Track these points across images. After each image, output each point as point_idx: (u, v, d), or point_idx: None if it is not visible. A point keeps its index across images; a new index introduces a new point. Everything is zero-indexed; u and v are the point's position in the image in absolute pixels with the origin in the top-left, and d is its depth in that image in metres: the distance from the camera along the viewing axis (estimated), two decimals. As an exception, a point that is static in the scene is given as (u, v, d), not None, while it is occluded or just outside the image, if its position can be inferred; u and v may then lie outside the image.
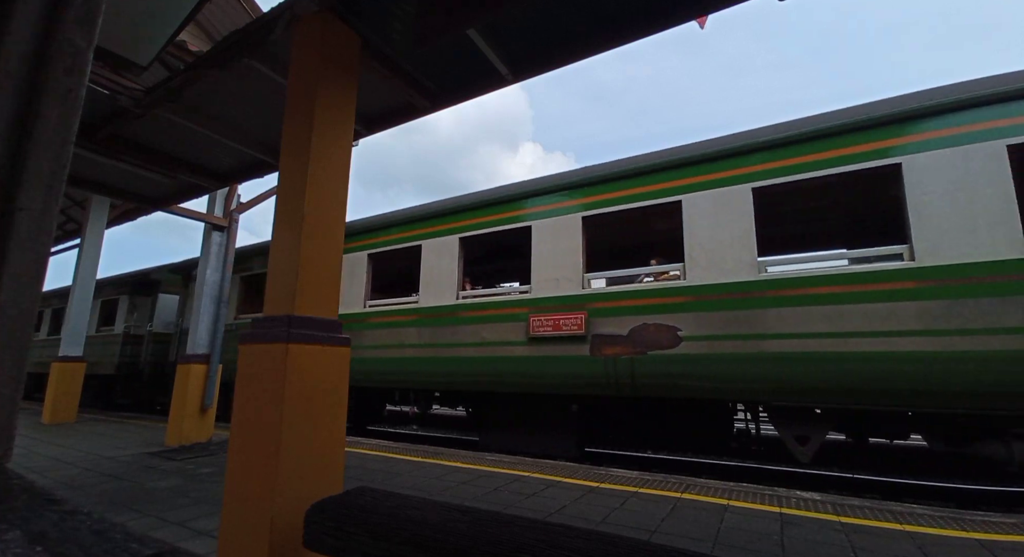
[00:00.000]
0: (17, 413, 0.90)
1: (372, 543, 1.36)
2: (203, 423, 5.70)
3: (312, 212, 2.26)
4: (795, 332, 4.17)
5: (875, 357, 3.85)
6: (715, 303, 4.57)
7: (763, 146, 4.63)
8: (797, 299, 4.22)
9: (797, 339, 4.15)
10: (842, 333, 4.00)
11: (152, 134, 4.12)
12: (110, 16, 2.55)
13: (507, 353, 5.60)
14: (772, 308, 4.29)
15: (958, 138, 3.91)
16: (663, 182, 5.09)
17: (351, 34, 2.55)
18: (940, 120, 4.01)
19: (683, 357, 4.59)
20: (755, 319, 4.34)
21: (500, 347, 5.66)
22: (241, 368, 2.20)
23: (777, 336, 4.23)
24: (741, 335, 4.38)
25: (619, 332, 4.97)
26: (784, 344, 4.19)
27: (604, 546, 1.13)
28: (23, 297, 0.90)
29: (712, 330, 4.53)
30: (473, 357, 5.82)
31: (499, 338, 5.67)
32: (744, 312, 4.40)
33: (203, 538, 2.58)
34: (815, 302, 4.15)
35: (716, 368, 4.46)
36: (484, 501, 3.31)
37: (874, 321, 3.91)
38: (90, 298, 7.89)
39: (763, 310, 4.33)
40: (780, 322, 4.24)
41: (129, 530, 0.79)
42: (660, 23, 2.55)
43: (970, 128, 3.90)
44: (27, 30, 0.95)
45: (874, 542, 2.61)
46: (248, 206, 6.44)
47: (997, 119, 3.83)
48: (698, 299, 4.67)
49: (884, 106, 4.19)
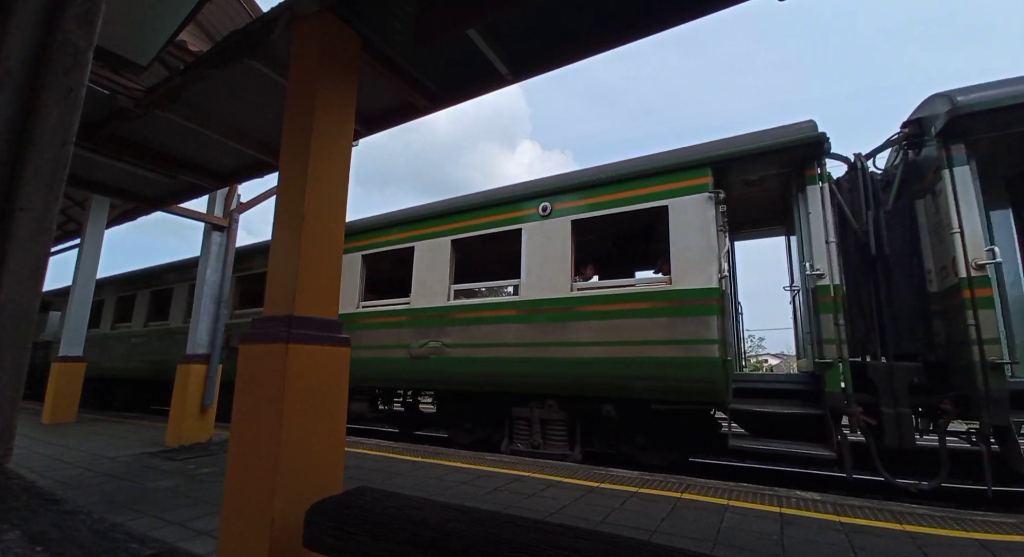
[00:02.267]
0: (17, 413, 0.90)
1: (372, 543, 1.36)
2: (203, 423, 5.69)
3: (312, 212, 2.26)
4: (598, 340, 5.05)
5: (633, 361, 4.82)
6: (539, 315, 5.46)
7: (580, 186, 5.57)
8: (596, 313, 5.12)
9: (599, 346, 5.03)
10: (615, 342, 4.93)
11: (152, 134, 4.12)
12: (110, 16, 2.55)
13: (397, 355, 6.47)
14: (583, 320, 5.18)
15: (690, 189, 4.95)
16: (507, 213, 6.02)
17: (351, 34, 2.55)
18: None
19: (517, 360, 5.49)
20: (571, 328, 5.24)
21: (393, 350, 6.52)
22: (241, 368, 2.20)
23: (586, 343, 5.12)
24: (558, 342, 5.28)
25: (464, 339, 5.94)
26: (591, 349, 5.06)
27: (604, 546, 1.13)
28: (23, 297, 0.90)
29: (537, 337, 5.41)
30: (378, 358, 6.66)
31: (395, 342, 6.53)
32: (561, 324, 5.30)
33: (203, 538, 2.58)
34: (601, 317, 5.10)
35: (536, 367, 5.32)
36: (484, 501, 3.31)
37: (634, 332, 4.86)
38: (90, 298, 7.89)
39: (576, 322, 5.21)
40: (588, 332, 5.12)
41: (129, 530, 0.79)
42: (660, 23, 2.55)
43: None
44: (27, 30, 0.95)
45: (874, 542, 2.61)
46: (248, 206, 6.44)
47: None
48: (527, 312, 5.57)
49: (654, 159, 5.25)
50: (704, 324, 4.52)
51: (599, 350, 4.97)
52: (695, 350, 4.51)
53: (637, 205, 5.13)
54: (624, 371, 4.82)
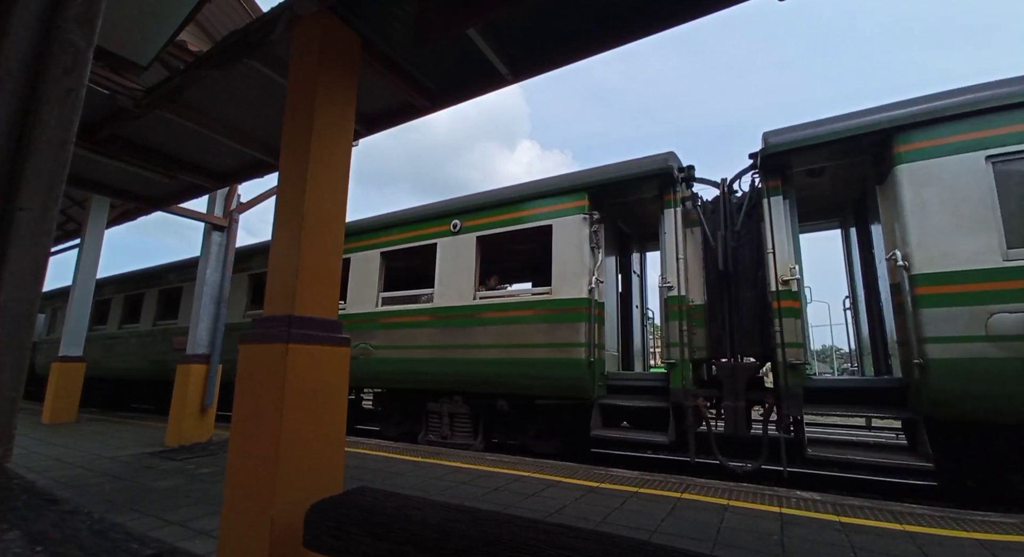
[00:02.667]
0: (17, 413, 0.90)
1: (372, 543, 1.36)
2: (203, 423, 5.69)
3: (312, 212, 2.26)
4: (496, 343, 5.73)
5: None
6: (449, 320, 6.08)
7: (484, 205, 6.25)
8: (493, 319, 5.82)
9: (496, 348, 5.69)
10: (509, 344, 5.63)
11: (152, 134, 4.12)
12: (110, 16, 2.55)
13: None
14: (483, 325, 5.81)
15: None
16: (427, 228, 6.67)
17: (351, 34, 2.55)
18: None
19: (430, 360, 6.14)
20: (473, 332, 5.90)
21: None
22: (241, 368, 2.20)
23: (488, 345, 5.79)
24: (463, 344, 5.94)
25: (387, 342, 6.54)
26: (490, 351, 5.72)
27: (604, 546, 1.13)
28: (23, 297, 0.90)
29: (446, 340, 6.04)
30: None
31: None
32: (466, 328, 5.94)
33: (203, 538, 2.58)
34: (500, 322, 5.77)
35: (445, 367, 5.96)
36: (484, 501, 3.31)
37: (522, 336, 5.55)
38: (90, 298, 7.89)
39: (478, 327, 5.86)
40: (486, 336, 5.77)
41: (129, 530, 0.79)
42: (660, 23, 2.55)
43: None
44: (27, 30, 0.95)
45: (874, 542, 2.61)
46: (248, 206, 6.43)
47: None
48: (439, 318, 6.20)
49: (543, 183, 5.98)
50: (575, 329, 5.20)
51: (495, 352, 5.65)
52: (566, 352, 5.20)
53: (530, 223, 5.85)
54: (514, 370, 5.53)
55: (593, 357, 5.12)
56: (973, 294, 3.68)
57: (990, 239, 3.68)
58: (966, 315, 3.67)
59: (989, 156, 3.79)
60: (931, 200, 3.95)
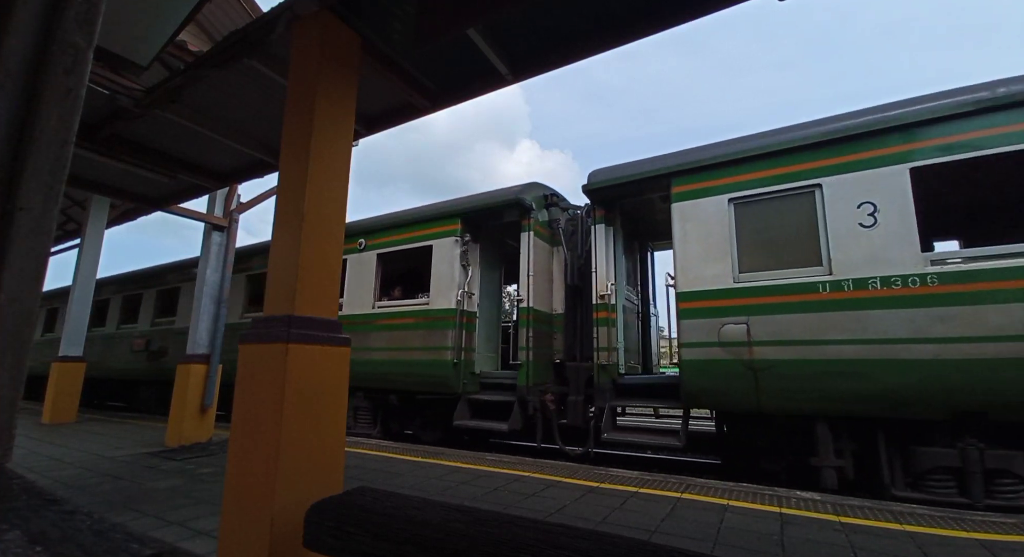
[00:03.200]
0: (17, 413, 0.90)
1: (372, 543, 1.36)
2: (203, 423, 5.69)
3: (312, 212, 2.26)
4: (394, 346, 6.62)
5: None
6: (354, 326, 6.84)
7: (383, 227, 7.19)
8: (386, 326, 6.78)
9: (387, 351, 6.63)
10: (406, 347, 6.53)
11: (152, 134, 4.12)
12: (110, 16, 2.55)
13: None
14: (379, 331, 6.80)
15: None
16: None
17: (351, 34, 2.55)
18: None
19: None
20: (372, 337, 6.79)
21: None
22: (241, 368, 2.20)
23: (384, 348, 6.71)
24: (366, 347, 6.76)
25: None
26: (383, 353, 6.67)
27: (604, 546, 1.13)
28: (23, 297, 0.90)
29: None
30: None
31: None
32: (366, 333, 6.81)
33: (203, 538, 2.58)
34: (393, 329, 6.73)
35: (351, 368, 6.47)
36: (484, 501, 3.31)
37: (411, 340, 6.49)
38: (90, 298, 7.88)
39: (376, 332, 6.78)
40: (381, 340, 6.70)
41: (129, 530, 0.79)
42: (660, 23, 2.54)
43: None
44: (27, 30, 0.95)
45: (874, 542, 2.61)
46: (248, 206, 6.43)
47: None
48: (346, 324, 6.38)
49: (427, 208, 6.96)
50: (445, 335, 6.11)
51: (387, 354, 6.58)
52: (437, 354, 6.12)
53: (419, 243, 6.75)
54: (401, 370, 6.46)
55: (459, 359, 6.04)
56: (712, 309, 4.54)
57: (726, 266, 4.55)
58: (707, 326, 4.51)
59: (731, 199, 4.67)
60: (691, 233, 4.85)
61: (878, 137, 4.11)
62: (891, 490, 3.89)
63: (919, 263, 3.78)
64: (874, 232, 3.98)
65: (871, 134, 4.14)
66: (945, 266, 3.74)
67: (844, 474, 4.09)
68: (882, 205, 3.98)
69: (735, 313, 4.37)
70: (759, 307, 4.30)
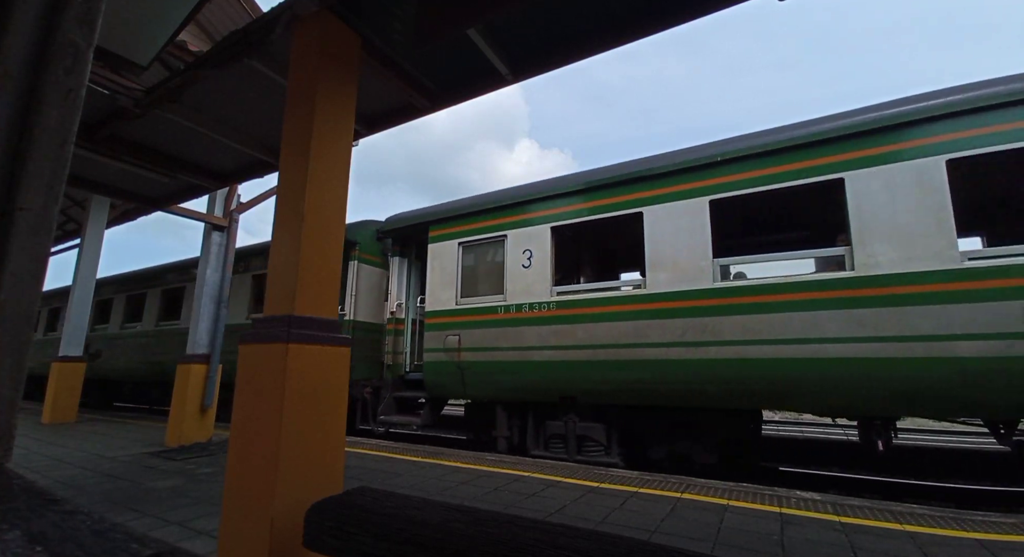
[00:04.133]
0: (17, 413, 0.90)
1: (372, 543, 1.36)
2: (203, 423, 5.69)
3: (312, 212, 2.26)
4: None
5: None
6: None
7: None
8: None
9: None
10: None
11: (152, 134, 4.12)
12: (110, 16, 2.55)
13: None
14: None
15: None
16: None
17: (351, 34, 2.55)
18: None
19: None
20: None
21: None
22: (241, 368, 2.20)
23: None
24: None
25: None
26: None
27: (604, 546, 1.13)
28: (23, 297, 0.90)
29: None
30: None
31: None
32: None
33: (203, 538, 2.58)
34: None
35: None
36: (484, 501, 3.31)
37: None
38: (90, 298, 7.88)
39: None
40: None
41: (129, 530, 0.79)
42: (660, 23, 2.55)
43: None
44: (27, 30, 0.95)
45: (874, 542, 2.61)
46: (248, 206, 6.43)
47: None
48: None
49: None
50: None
51: None
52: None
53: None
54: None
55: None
56: (443, 324, 6.12)
57: (453, 292, 6.17)
58: (439, 336, 6.09)
59: (460, 242, 6.27)
60: (436, 266, 6.41)
61: (533, 204, 5.76)
62: (531, 451, 5.47)
63: (554, 294, 5.37)
64: (529, 271, 5.59)
65: (537, 201, 5.70)
66: (563, 296, 5.30)
67: (511, 442, 5.71)
68: (535, 251, 5.61)
69: (454, 327, 5.97)
70: (467, 323, 5.90)
